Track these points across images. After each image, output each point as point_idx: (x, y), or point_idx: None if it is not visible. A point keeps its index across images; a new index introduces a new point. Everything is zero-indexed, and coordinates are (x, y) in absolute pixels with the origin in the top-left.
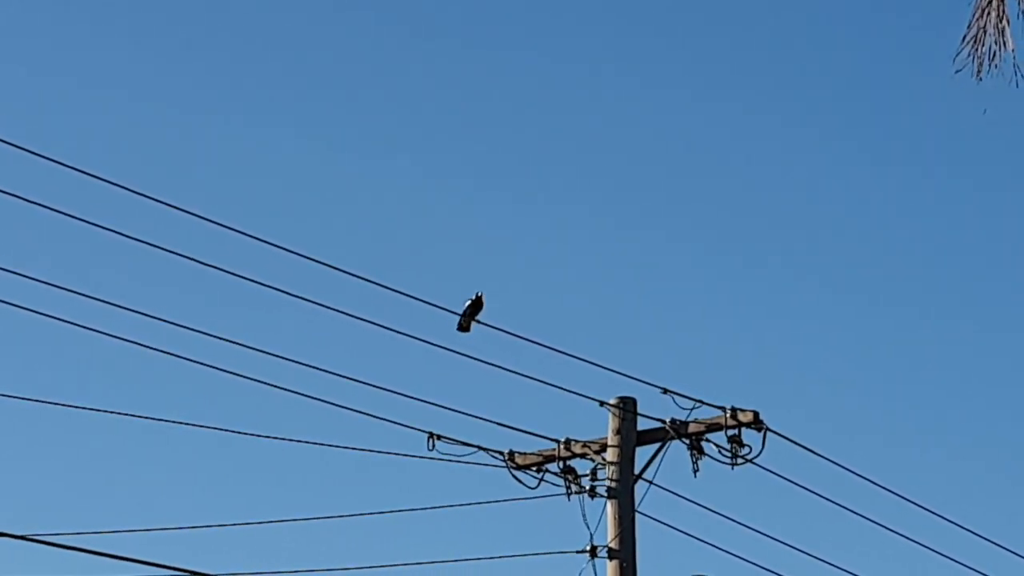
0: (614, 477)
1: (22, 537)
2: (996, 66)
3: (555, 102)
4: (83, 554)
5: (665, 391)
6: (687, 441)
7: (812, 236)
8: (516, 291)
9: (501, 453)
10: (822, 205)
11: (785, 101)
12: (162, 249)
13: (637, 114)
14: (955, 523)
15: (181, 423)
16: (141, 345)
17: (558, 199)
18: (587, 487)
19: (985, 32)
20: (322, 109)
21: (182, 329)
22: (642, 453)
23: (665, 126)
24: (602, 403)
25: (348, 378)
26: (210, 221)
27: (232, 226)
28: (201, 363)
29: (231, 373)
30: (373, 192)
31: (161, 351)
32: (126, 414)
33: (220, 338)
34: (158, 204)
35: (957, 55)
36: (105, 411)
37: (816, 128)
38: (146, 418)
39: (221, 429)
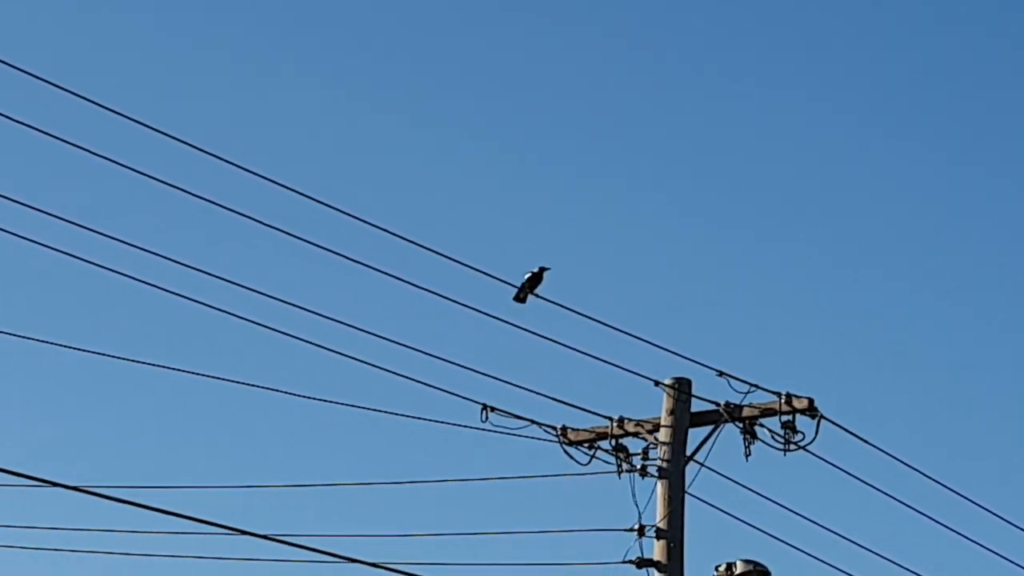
0: (665, 457)
1: (76, 488)
2: None
3: (610, 81)
4: (136, 508)
5: (720, 373)
6: (740, 425)
7: (872, 224)
8: (576, 268)
9: (554, 428)
10: (878, 191)
11: (848, 88)
12: (229, 210)
13: (705, 103)
14: (1009, 521)
15: (238, 382)
16: (202, 304)
17: (621, 178)
18: (638, 466)
19: None
20: (390, 79)
21: (244, 290)
22: (694, 435)
23: (721, 109)
24: (657, 383)
25: (404, 345)
26: (275, 183)
27: (297, 189)
28: (262, 325)
29: (290, 336)
30: (437, 162)
31: (225, 311)
32: (186, 371)
33: (280, 300)
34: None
35: None
36: (165, 367)
37: (861, 110)
38: (205, 376)
39: (277, 391)
